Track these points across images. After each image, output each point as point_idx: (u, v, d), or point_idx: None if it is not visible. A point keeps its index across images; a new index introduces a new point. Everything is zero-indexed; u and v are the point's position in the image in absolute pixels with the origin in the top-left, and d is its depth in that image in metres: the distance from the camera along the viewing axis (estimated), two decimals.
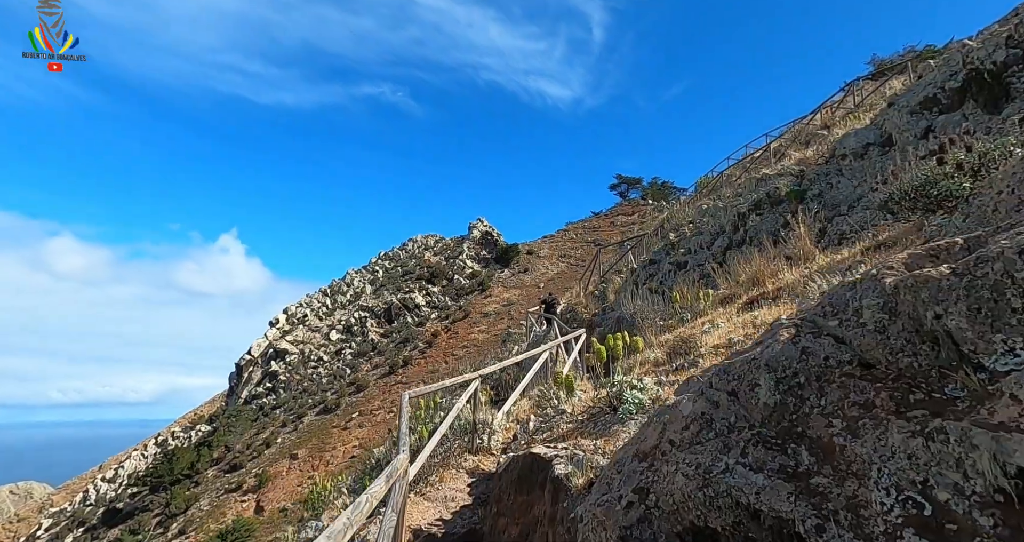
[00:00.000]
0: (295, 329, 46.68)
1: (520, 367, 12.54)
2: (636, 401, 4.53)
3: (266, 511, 32.87)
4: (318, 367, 44.46)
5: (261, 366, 44.90)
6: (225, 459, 40.11)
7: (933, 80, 9.68)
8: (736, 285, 9.46)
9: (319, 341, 45.95)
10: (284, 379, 43.97)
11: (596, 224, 54.56)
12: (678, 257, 12.55)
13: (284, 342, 45.32)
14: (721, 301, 8.94)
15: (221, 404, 47.73)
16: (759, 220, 10.83)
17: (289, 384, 43.85)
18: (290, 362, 44.51)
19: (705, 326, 7.38)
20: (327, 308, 49.61)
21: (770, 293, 7.42)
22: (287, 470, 36.82)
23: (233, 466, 38.87)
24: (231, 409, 43.65)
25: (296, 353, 44.91)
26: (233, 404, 44.05)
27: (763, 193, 11.03)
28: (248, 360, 44.85)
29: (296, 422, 41.19)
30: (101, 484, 38.04)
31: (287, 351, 44.73)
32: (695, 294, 9.25)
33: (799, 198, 10.45)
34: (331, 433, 38.58)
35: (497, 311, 44.44)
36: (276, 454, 38.46)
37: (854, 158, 10.19)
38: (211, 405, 50.87)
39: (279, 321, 47.29)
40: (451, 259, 52.54)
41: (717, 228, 11.86)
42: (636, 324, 11.62)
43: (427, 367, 41.34)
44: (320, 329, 46.89)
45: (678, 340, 7.05)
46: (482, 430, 7.58)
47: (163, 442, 42.07)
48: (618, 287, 14.94)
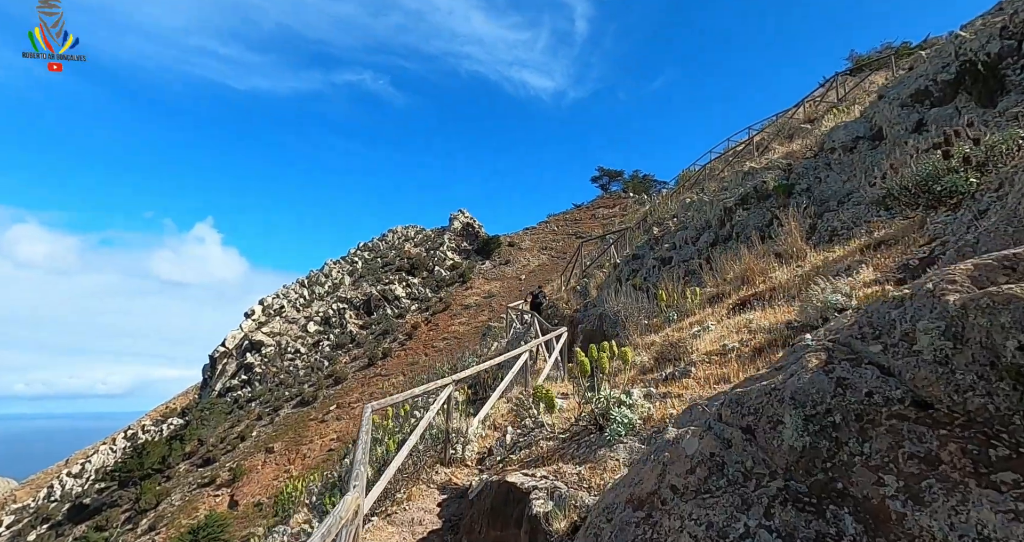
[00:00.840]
0: (271, 320, 45.60)
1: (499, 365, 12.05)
2: (625, 421, 4.03)
3: (240, 505, 32.13)
4: (295, 359, 43.53)
5: (236, 358, 43.81)
6: (198, 453, 39.12)
7: (925, 72, 9.31)
8: (724, 283, 9.04)
9: (296, 333, 44.98)
10: (260, 371, 42.97)
11: (578, 216, 54.18)
12: (663, 252, 12.12)
13: (260, 334, 44.26)
14: (709, 300, 8.52)
15: (194, 397, 46.55)
16: (746, 215, 10.42)
17: (265, 376, 42.87)
18: (266, 354, 43.50)
19: (694, 328, 6.93)
20: (305, 299, 48.55)
21: (763, 293, 6.98)
22: (262, 464, 36.01)
23: (206, 460, 37.94)
24: (204, 402, 42.57)
25: (272, 345, 43.89)
26: (207, 397, 42.95)
27: (750, 187, 10.61)
28: (222, 352, 43.72)
29: (272, 415, 40.30)
30: (67, 479, 36.80)
31: (263, 343, 43.69)
32: (681, 292, 8.81)
33: (787, 193, 10.06)
34: (308, 426, 37.82)
35: (478, 303, 43.90)
36: (251, 447, 37.60)
37: (843, 152, 9.82)
38: (184, 398, 49.60)
39: (255, 312, 46.14)
40: (432, 250, 51.76)
41: (703, 223, 11.43)
42: (619, 322, 11.17)
43: (407, 359, 40.69)
44: (297, 320, 45.88)
45: (666, 343, 6.58)
46: (456, 439, 7.05)
47: (133, 436, 40.87)
48: (601, 282, 14.48)
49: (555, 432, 4.95)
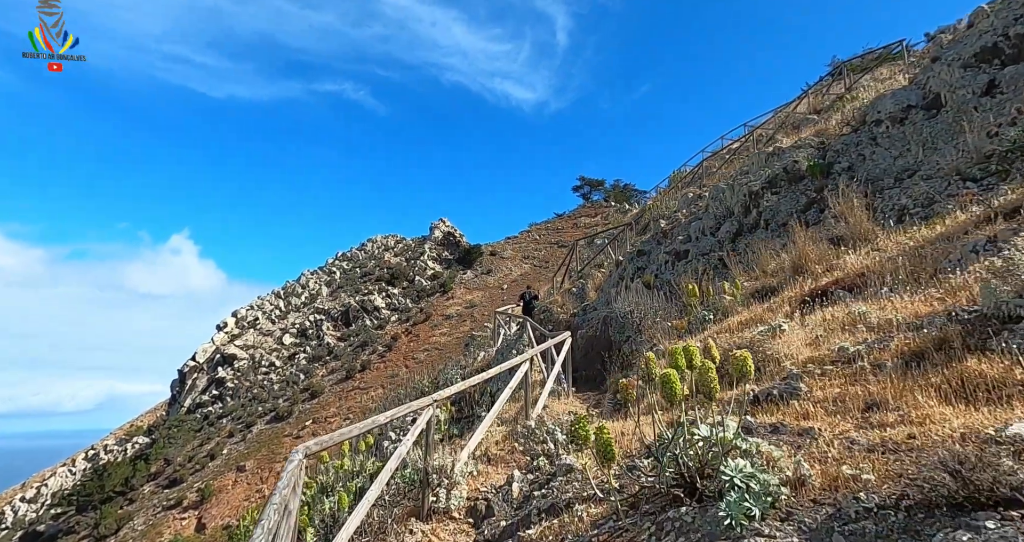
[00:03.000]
0: (245, 333, 42.83)
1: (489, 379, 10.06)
2: (753, 485, 2.10)
3: (208, 528, 29.45)
4: (269, 373, 40.81)
5: (207, 372, 40.91)
6: (164, 473, 36.12)
7: (991, 27, 7.72)
8: (766, 275, 7.25)
9: (271, 345, 42.27)
10: (232, 386, 40.13)
11: (559, 225, 52.58)
12: (675, 245, 10.31)
13: (233, 347, 41.45)
14: (753, 294, 6.72)
15: (162, 414, 43.38)
16: (776, 200, 8.69)
17: (237, 391, 40.04)
18: (239, 368, 40.69)
19: (754, 329, 5.09)
20: (280, 311, 45.84)
21: (842, 282, 5.18)
22: (233, 483, 33.21)
23: (173, 481, 34.98)
24: (172, 419, 39.54)
25: (246, 358, 41.11)
26: (175, 413, 39.93)
27: (779, 168, 8.89)
28: (192, 366, 40.78)
29: (244, 431, 37.50)
30: (20, 504, 33.45)
31: (236, 356, 40.90)
32: (717, 287, 6.98)
33: (824, 173, 8.35)
34: (282, 443, 35.19)
35: (459, 313, 41.83)
36: (221, 466, 34.80)
37: (892, 124, 8.16)
38: (152, 415, 46.29)
39: (227, 325, 43.29)
40: (412, 260, 49.56)
41: (723, 211, 9.69)
42: (630, 325, 9.28)
43: (386, 371, 38.39)
44: (272, 333, 43.19)
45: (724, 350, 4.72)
46: (438, 481, 5.02)
47: (94, 456, 37.60)
48: (600, 283, 12.66)
49: (599, 487, 2.99)
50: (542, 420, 4.68)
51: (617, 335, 9.46)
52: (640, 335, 8.40)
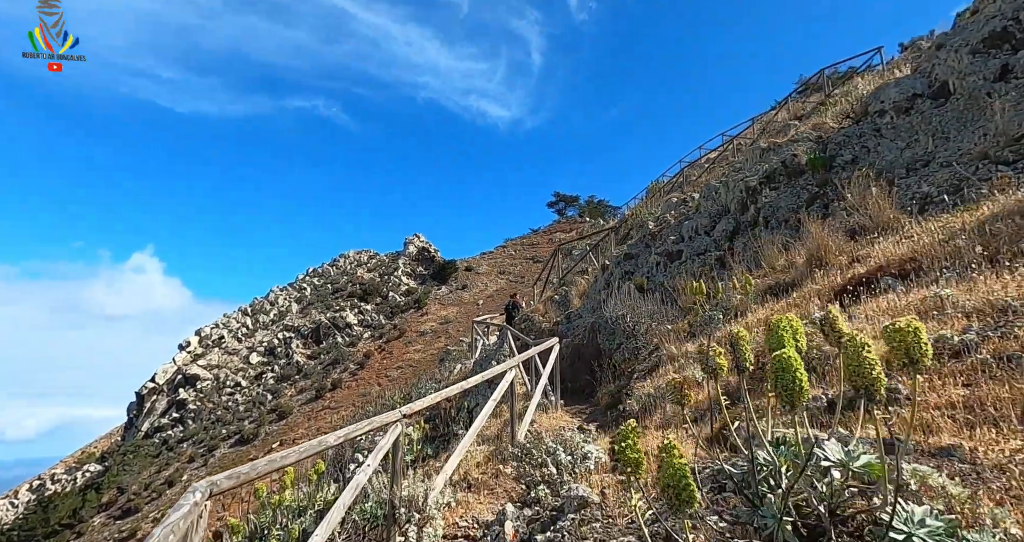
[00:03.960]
0: (209, 352, 40.67)
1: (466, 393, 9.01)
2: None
3: None
4: (235, 393, 38.67)
5: (167, 394, 38.58)
6: (117, 503, 33.53)
7: (999, 12, 7.24)
8: (776, 271, 6.48)
9: (237, 365, 40.19)
10: (194, 408, 37.86)
11: (535, 240, 51.96)
12: (667, 246, 9.54)
13: (196, 367, 39.27)
14: (766, 292, 5.92)
15: (117, 439, 40.65)
16: (775, 195, 8.00)
17: (200, 413, 37.77)
18: (202, 389, 38.48)
19: None
20: (247, 329, 43.79)
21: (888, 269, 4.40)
22: None
23: (126, 511, 32.47)
24: (128, 444, 37.03)
25: (210, 379, 38.94)
26: (131, 438, 37.41)
27: (777, 162, 8.24)
28: (152, 388, 38.41)
29: (207, 456, 35.22)
30: None
31: (199, 377, 38.72)
32: (726, 285, 6.15)
33: (826, 166, 7.71)
34: None
35: (434, 329, 40.53)
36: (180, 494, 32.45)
37: (896, 114, 7.58)
38: (106, 441, 43.40)
39: (190, 344, 41.06)
40: (385, 276, 48.18)
41: (718, 209, 8.98)
42: (622, 331, 8.40)
43: (358, 390, 36.76)
44: (239, 352, 41.13)
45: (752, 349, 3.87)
46: (406, 516, 3.99)
47: (39, 487, 34.78)
48: (585, 290, 11.80)
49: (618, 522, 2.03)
50: (539, 437, 3.72)
51: (607, 342, 8.57)
52: (635, 341, 7.52)
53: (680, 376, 4.39)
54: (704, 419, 3.54)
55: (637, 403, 4.69)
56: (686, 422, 3.50)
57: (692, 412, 3.68)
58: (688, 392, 1.96)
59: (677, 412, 3.91)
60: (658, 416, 4.17)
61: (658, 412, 4.24)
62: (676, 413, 3.90)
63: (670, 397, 2.05)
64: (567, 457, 3.37)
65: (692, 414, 3.66)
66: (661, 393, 4.39)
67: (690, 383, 4.39)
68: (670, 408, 4.07)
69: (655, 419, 4.16)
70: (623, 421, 4.60)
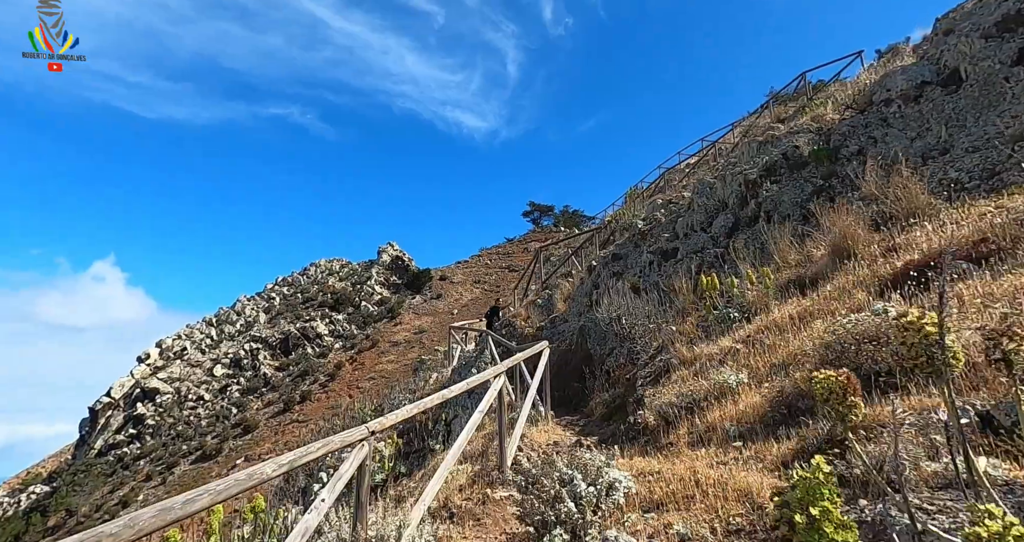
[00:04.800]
0: (170, 365, 38.54)
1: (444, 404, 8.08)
2: None
3: None
4: (197, 407, 36.62)
5: (123, 409, 36.30)
6: (65, 526, 31.16)
7: None
8: (790, 266, 5.80)
9: (200, 377, 38.14)
10: (153, 423, 35.67)
11: (510, 250, 51.26)
12: (661, 244, 8.85)
13: (155, 380, 37.12)
14: (785, 286, 5.22)
15: (68, 458, 38.04)
16: (777, 189, 7.40)
17: (159, 429, 35.59)
18: (162, 403, 36.33)
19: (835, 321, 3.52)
20: (212, 340, 41.73)
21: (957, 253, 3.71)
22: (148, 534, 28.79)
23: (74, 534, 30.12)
24: (79, 463, 34.61)
25: (170, 392, 36.82)
26: (82, 457, 35.00)
27: (777, 155, 7.66)
28: (107, 403, 36.08)
29: (165, 474, 33.10)
30: None
31: (158, 390, 36.57)
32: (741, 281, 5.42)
33: (831, 158, 7.15)
34: None
35: (408, 339, 39.28)
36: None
37: (904, 103, 7.07)
38: (55, 460, 40.62)
39: (150, 356, 38.83)
40: (358, 285, 46.71)
41: (715, 204, 8.35)
42: (614, 335, 7.62)
43: (328, 402, 35.20)
44: (202, 364, 39.08)
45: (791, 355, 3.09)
46: None
47: None
48: (569, 293, 11.02)
49: None
50: (551, 461, 2.87)
51: (598, 347, 7.77)
52: (632, 344, 6.74)
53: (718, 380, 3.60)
54: (755, 434, 2.76)
55: (653, 414, 3.90)
56: (735, 440, 2.70)
57: (735, 426, 2.89)
58: (854, 400, 1.15)
59: (712, 427, 3.13)
60: (684, 430, 3.38)
61: (683, 425, 3.44)
62: (711, 428, 3.12)
63: (827, 408, 1.23)
64: (588, 487, 2.53)
65: (737, 428, 2.88)
66: (685, 402, 3.60)
67: (724, 390, 3.61)
68: (700, 420, 3.28)
69: (681, 434, 3.37)
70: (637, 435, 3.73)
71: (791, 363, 3.31)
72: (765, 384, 3.29)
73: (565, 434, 6.05)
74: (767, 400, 2.96)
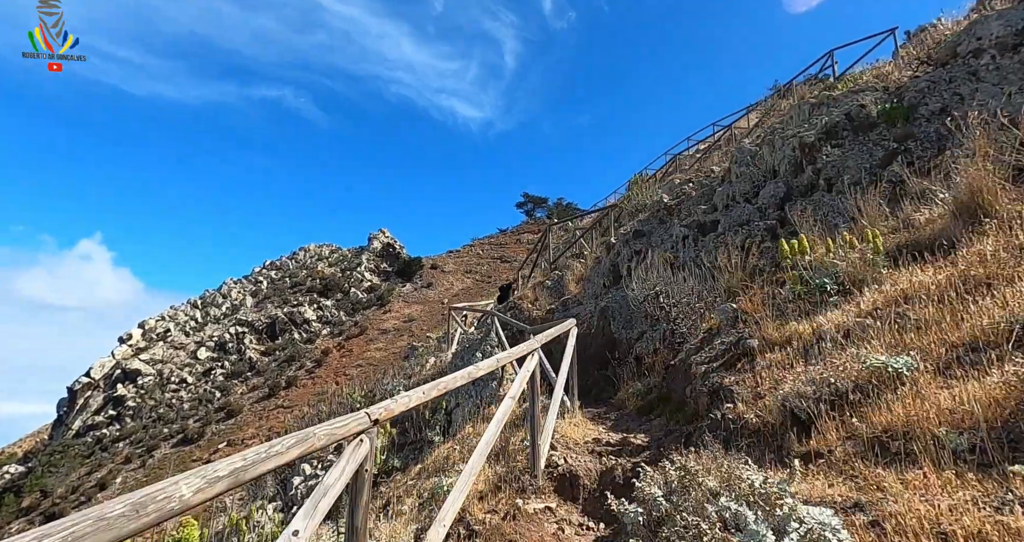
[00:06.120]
0: (153, 346, 36.87)
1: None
2: None
3: None
4: (180, 390, 35.05)
5: (103, 390, 34.62)
6: (39, 508, 29.58)
7: None
8: (882, 233, 4.72)
9: (183, 360, 36.55)
10: (134, 405, 34.06)
11: (503, 241, 50.03)
12: (698, 217, 7.73)
13: (137, 361, 35.46)
14: (898, 251, 4.12)
15: (44, 438, 36.31)
16: (840, 154, 6.32)
17: (140, 411, 34.00)
18: (143, 385, 34.70)
19: None
20: (196, 322, 40.06)
21: None
22: None
23: (48, 516, 28.57)
24: (56, 443, 32.95)
25: (152, 374, 35.20)
26: (60, 437, 33.32)
27: (839, 115, 6.57)
28: (86, 383, 34.36)
29: (145, 456, 31.58)
30: None
31: (140, 372, 34.93)
32: (837, 242, 4.29)
33: (906, 117, 6.10)
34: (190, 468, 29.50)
35: (397, 327, 37.99)
36: (111, 498, 28.87)
37: (1000, 53, 6.03)
38: (32, 440, 38.82)
39: (132, 337, 37.11)
40: (348, 271, 45.22)
41: (761, 173, 7.26)
42: (643, 316, 6.52)
43: (314, 388, 33.88)
44: (186, 346, 37.46)
45: None
46: None
47: None
48: (582, 274, 9.90)
49: None
50: (692, 481, 1.74)
51: (624, 331, 6.64)
52: (671, 325, 5.62)
53: (873, 364, 2.45)
54: (999, 448, 1.67)
55: (752, 410, 2.78)
56: (965, 454, 1.58)
57: (960, 435, 1.78)
58: None
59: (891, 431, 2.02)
60: (836, 435, 2.26)
61: (831, 427, 2.30)
62: (890, 432, 2.01)
63: None
64: (761, 524, 1.42)
65: (966, 438, 1.76)
66: (823, 393, 2.48)
67: (883, 378, 2.48)
68: (861, 421, 2.16)
69: (832, 440, 2.24)
70: (731, 437, 2.53)
71: (997, 343, 2.23)
72: (955, 369, 2.20)
73: (599, 429, 4.95)
74: (1006, 395, 1.87)
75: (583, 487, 3.65)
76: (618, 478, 3.54)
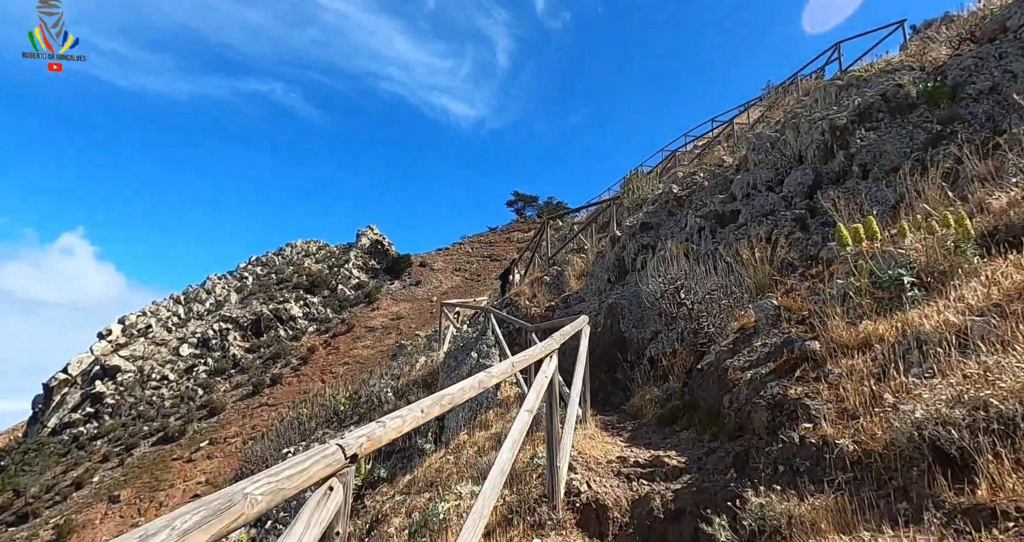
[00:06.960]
0: (133, 342, 35.54)
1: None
2: None
3: None
4: (160, 387, 33.80)
5: (81, 387, 33.27)
6: (11, 508, 28.27)
7: None
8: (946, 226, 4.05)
9: (165, 356, 35.28)
10: (112, 402, 32.76)
11: (493, 239, 49.27)
12: (715, 207, 7.06)
13: (116, 357, 34.13)
14: (985, 236, 3.44)
15: (19, 436, 34.84)
16: (876, 137, 5.69)
17: (118, 409, 32.71)
18: (123, 382, 33.40)
19: None
20: (179, 318, 38.74)
21: None
22: (102, 517, 26.17)
23: (22, 516, 27.33)
24: (31, 441, 31.58)
25: (132, 371, 33.90)
26: (34, 435, 31.95)
27: (874, 96, 5.95)
28: (63, 380, 32.98)
29: (123, 455, 30.37)
30: None
31: (119, 368, 33.63)
32: (912, 225, 3.61)
33: (951, 97, 5.50)
34: (170, 467, 28.58)
35: (385, 325, 37.09)
36: (89, 497, 27.66)
37: None
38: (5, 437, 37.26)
39: (111, 332, 35.73)
40: (335, 268, 44.15)
41: (786, 159, 6.62)
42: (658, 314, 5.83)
43: (300, 386, 32.87)
44: (168, 342, 36.18)
45: None
46: None
47: None
48: (584, 269, 9.22)
49: None
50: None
51: (635, 330, 5.95)
52: (692, 324, 4.94)
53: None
54: None
55: (847, 434, 2.09)
56: None
57: None
58: None
59: None
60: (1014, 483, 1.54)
61: (1006, 471, 1.57)
62: None
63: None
64: None
65: None
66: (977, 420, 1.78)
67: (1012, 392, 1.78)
68: None
69: (1011, 493, 1.55)
70: (804, 471, 1.85)
71: None
72: None
73: (618, 443, 4.24)
74: None
75: (612, 520, 2.93)
76: (656, 511, 2.82)
